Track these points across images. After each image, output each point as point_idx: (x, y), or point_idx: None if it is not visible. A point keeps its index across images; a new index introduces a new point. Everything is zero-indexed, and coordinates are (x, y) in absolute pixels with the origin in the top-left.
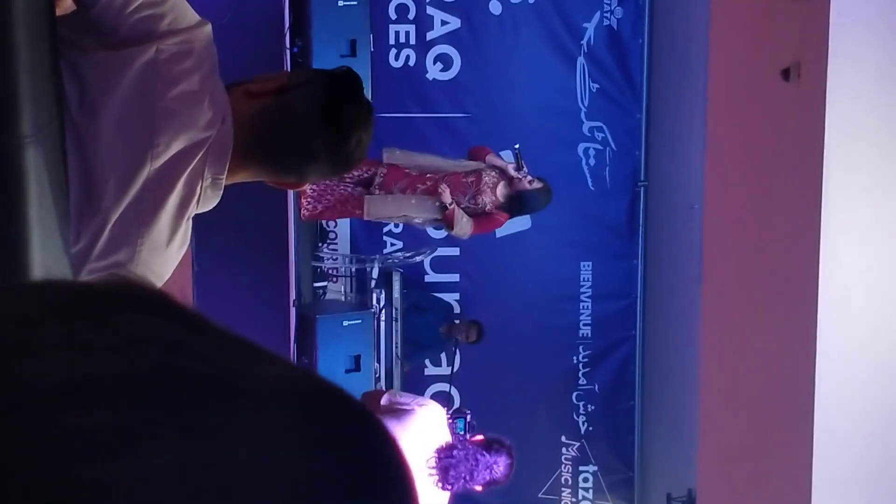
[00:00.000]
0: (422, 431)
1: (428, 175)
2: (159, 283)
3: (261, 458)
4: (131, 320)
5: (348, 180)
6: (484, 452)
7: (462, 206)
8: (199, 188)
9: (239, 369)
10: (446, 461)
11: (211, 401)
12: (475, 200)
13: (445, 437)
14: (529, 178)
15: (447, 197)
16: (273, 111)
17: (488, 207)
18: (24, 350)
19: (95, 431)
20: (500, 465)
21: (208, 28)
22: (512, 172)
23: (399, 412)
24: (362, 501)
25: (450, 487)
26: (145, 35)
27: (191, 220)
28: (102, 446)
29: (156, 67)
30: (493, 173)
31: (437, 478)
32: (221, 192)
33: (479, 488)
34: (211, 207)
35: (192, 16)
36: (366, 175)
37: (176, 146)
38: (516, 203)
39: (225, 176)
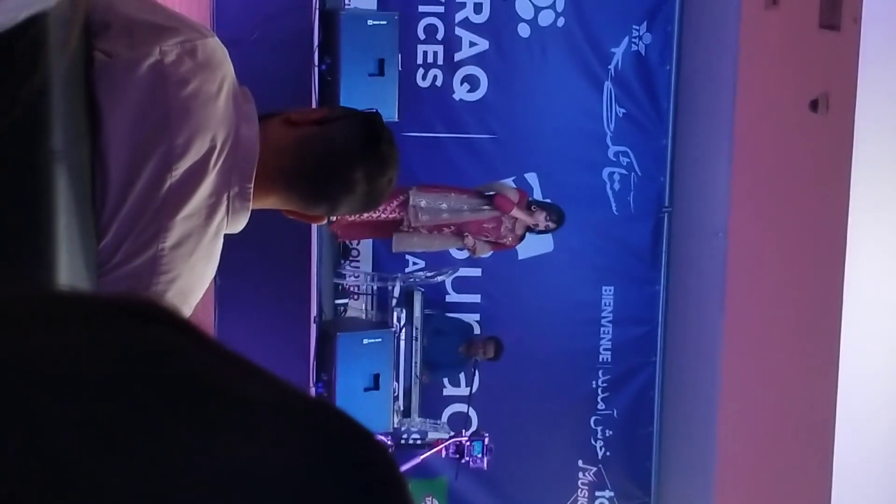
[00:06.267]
0: None
1: (453, 224)
2: (185, 296)
3: (259, 462)
4: (144, 329)
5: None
6: None
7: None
8: (225, 197)
9: (240, 381)
10: None
11: (211, 403)
12: (496, 238)
13: None
14: (546, 222)
15: (470, 242)
16: (314, 140)
17: (509, 243)
18: (45, 345)
19: (92, 423)
20: None
21: (213, 38)
22: (531, 224)
23: None
24: None
25: None
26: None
27: (220, 237)
28: (98, 439)
29: (162, 70)
30: (513, 220)
31: None
32: (250, 204)
33: None
34: (241, 225)
35: (192, 23)
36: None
37: (196, 147)
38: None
39: (252, 184)
